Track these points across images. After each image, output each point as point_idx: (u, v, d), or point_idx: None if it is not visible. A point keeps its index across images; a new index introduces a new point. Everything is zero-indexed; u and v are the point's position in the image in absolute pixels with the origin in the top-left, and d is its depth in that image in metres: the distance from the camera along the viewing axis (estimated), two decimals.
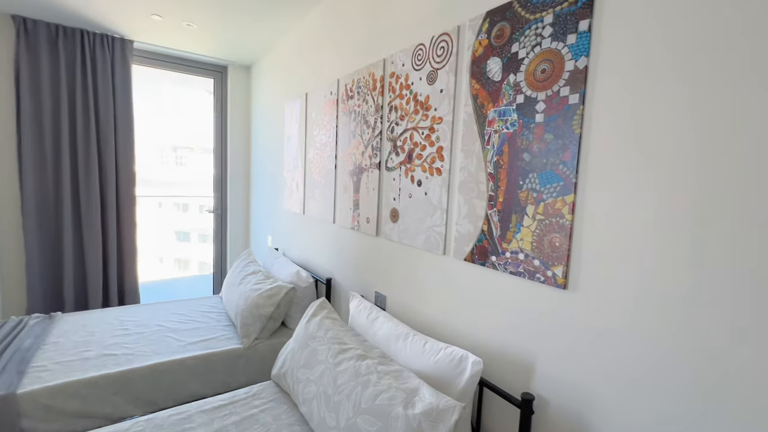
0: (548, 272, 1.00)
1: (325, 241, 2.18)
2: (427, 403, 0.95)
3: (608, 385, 0.88)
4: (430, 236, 1.39)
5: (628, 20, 0.83)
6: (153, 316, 2.19)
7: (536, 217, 1.02)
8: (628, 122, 0.83)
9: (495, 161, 1.14)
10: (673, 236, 0.77)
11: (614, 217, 0.86)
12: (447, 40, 1.30)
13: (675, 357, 0.77)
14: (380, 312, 1.45)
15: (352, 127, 1.88)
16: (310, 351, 1.34)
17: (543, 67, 1.00)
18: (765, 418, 0.66)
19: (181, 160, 13.48)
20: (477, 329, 1.21)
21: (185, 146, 12.90)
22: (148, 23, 2.62)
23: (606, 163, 0.87)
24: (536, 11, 1.01)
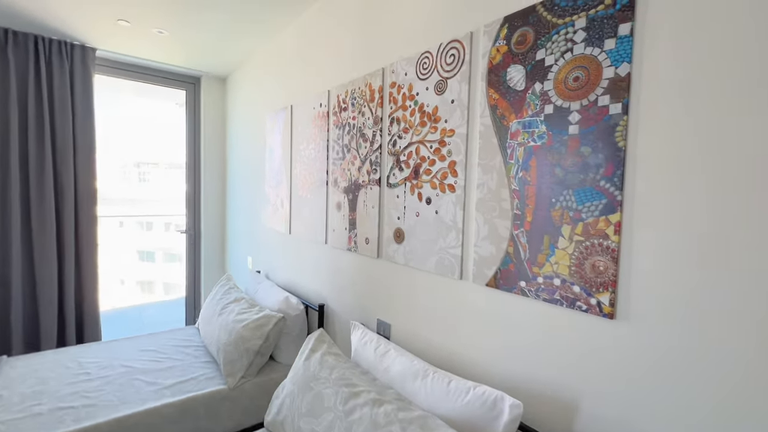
0: (591, 300, 0.89)
1: (315, 264, 2.02)
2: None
3: (668, 426, 0.78)
4: (444, 259, 1.27)
5: (678, 22, 0.76)
6: (118, 355, 1.92)
7: (574, 238, 0.92)
8: (685, 135, 0.75)
9: (521, 177, 1.04)
10: (743, 260, 0.69)
11: (674, 240, 0.77)
12: (458, 48, 1.21)
13: (753, 395, 0.68)
14: (389, 344, 1.30)
15: (346, 140, 1.74)
16: (314, 395, 1.16)
17: (576, 75, 0.91)
18: None
19: (145, 176, 12.80)
20: (504, 363, 1.09)
21: (149, 162, 12.29)
22: (114, 29, 2.40)
23: (659, 180, 0.79)
24: (565, 15, 0.93)
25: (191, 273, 3.45)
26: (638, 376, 0.83)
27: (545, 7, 0.98)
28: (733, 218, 0.70)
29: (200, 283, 3.44)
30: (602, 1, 0.86)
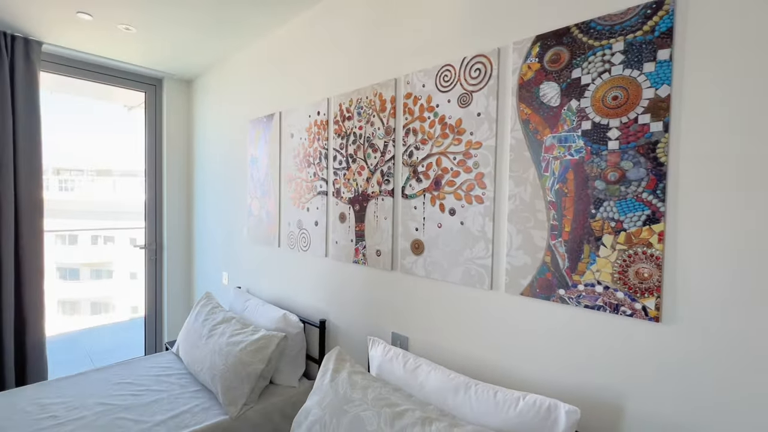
0: (636, 305, 0.95)
1: (313, 278, 1.93)
2: None
3: (719, 417, 0.85)
4: (471, 269, 1.28)
5: (714, 48, 0.84)
6: (88, 392, 1.68)
7: (616, 246, 0.98)
8: (725, 152, 0.83)
9: (557, 189, 1.08)
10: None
11: (714, 246, 0.85)
12: (484, 62, 1.24)
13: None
14: (419, 359, 1.28)
15: (351, 150, 1.70)
16: (352, 419, 1.10)
17: (614, 94, 0.98)
18: None
19: (66, 185, 11.40)
20: (544, 370, 1.12)
21: (72, 168, 10.98)
22: (69, 22, 2.13)
23: (700, 193, 0.86)
24: (602, 38, 1.00)
25: (152, 292, 3.14)
26: (685, 376, 0.89)
27: (580, 30, 1.03)
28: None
29: (162, 303, 3.14)
30: (640, 28, 0.94)
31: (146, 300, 3.13)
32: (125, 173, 9.54)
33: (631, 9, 0.95)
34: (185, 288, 3.21)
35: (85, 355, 3.41)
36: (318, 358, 1.86)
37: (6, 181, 2.26)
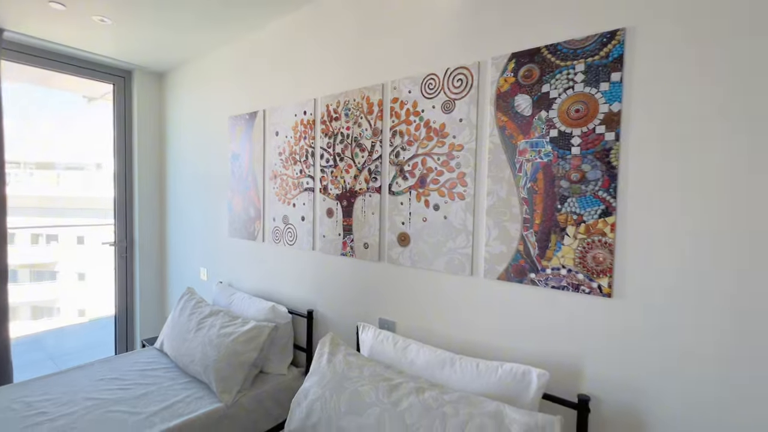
0: (593, 284, 1.14)
1: (299, 271, 2.02)
2: (523, 424, 0.98)
3: (661, 378, 1.06)
4: (453, 258, 1.43)
5: (657, 75, 1.04)
6: (74, 389, 1.68)
7: (577, 236, 1.17)
8: (664, 157, 1.03)
9: (529, 187, 1.25)
10: (704, 248, 0.98)
11: (653, 235, 1.05)
12: (465, 74, 1.39)
13: (717, 349, 0.98)
14: (407, 340, 1.42)
15: (338, 149, 1.80)
16: (351, 394, 1.22)
17: (577, 108, 1.16)
18: None
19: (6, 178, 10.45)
20: (517, 342, 1.29)
21: (11, 161, 10.13)
22: (38, 10, 2.05)
23: (644, 191, 1.06)
24: (567, 59, 1.17)
25: (122, 290, 3.06)
26: (629, 342, 1.09)
27: (549, 51, 1.21)
28: (701, 219, 0.99)
29: (134, 301, 3.07)
30: (598, 53, 1.12)
31: (116, 298, 3.05)
32: (70, 166, 8.91)
33: (591, 37, 1.13)
34: (158, 285, 3.15)
35: (46, 358, 3.25)
36: (306, 347, 1.96)
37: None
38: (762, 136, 0.91)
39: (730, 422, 0.97)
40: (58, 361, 3.24)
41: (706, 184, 0.98)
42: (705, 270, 0.98)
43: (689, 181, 1.00)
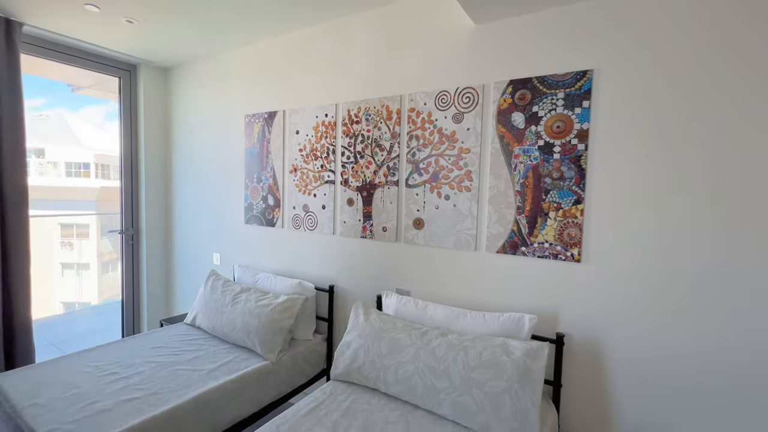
0: (567, 253, 1.58)
1: (320, 252, 2.33)
2: (522, 348, 1.39)
3: (611, 319, 1.52)
4: (461, 238, 1.83)
5: (613, 106, 1.48)
6: (130, 356, 1.91)
7: (557, 219, 1.60)
8: (617, 162, 1.48)
9: (521, 183, 1.67)
10: (645, 229, 1.44)
11: (609, 218, 1.50)
12: (472, 93, 1.77)
13: (649, 296, 1.45)
14: (426, 302, 1.80)
15: (359, 148, 2.13)
16: (390, 340, 1.59)
17: (557, 124, 1.58)
18: (700, 326, 1.37)
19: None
20: (510, 299, 1.72)
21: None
22: (71, 11, 2.18)
23: (603, 186, 1.51)
24: (551, 88, 1.59)
25: (129, 276, 3.20)
26: (595, 293, 1.54)
27: (538, 81, 1.62)
28: (641, 208, 1.44)
29: (141, 286, 3.22)
30: (574, 85, 1.54)
31: (123, 284, 3.19)
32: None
33: (569, 73, 1.55)
34: (164, 270, 3.31)
35: (48, 344, 3.32)
36: (327, 317, 2.29)
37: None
38: (675, 150, 1.38)
39: (657, 346, 1.44)
40: (61, 347, 3.32)
41: (643, 183, 1.44)
42: (644, 242, 1.44)
43: (633, 180, 1.45)
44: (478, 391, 1.35)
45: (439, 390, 1.42)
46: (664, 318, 1.42)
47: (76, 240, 8.77)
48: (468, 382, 1.38)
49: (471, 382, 1.38)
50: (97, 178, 9.60)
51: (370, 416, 1.43)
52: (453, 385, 1.40)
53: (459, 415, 1.38)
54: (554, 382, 1.59)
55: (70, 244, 8.78)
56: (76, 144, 9.50)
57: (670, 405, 1.43)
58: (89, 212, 9.95)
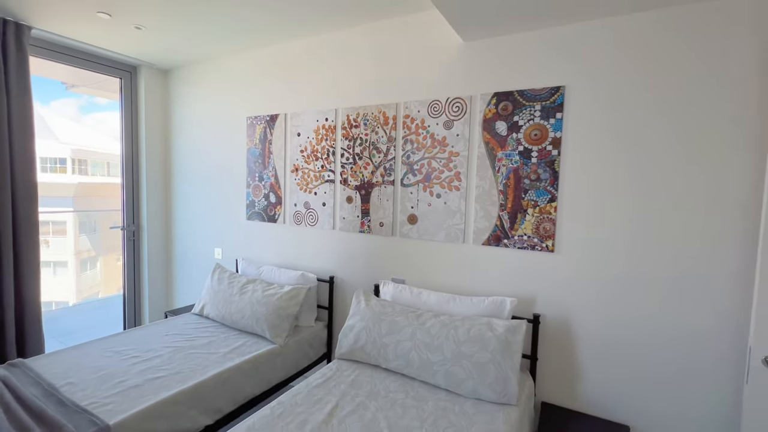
0: (543, 244, 1.83)
1: (321, 246, 2.52)
2: (504, 325, 1.63)
3: (579, 300, 1.77)
4: (450, 232, 2.06)
5: (581, 117, 1.72)
6: (147, 341, 2.06)
7: (534, 215, 1.84)
8: (582, 168, 1.73)
9: (504, 183, 1.90)
10: (608, 224, 1.69)
11: (578, 214, 1.75)
12: (461, 103, 1.99)
13: (610, 282, 1.70)
14: (420, 288, 2.02)
15: (357, 150, 2.33)
16: (389, 323, 1.81)
17: (535, 132, 1.82)
18: (643, 306, 1.64)
19: None
20: (494, 285, 1.96)
21: None
22: (83, 18, 2.29)
23: (573, 187, 1.75)
24: (530, 101, 1.82)
25: (131, 270, 3.31)
26: (566, 279, 1.79)
27: (519, 94, 1.85)
28: (602, 204, 1.70)
29: (143, 280, 3.34)
30: (548, 99, 1.78)
31: (125, 279, 3.30)
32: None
33: (545, 88, 1.79)
34: (164, 265, 3.43)
35: (49, 337, 3.40)
36: (328, 305, 2.48)
37: (3, 165, 2.33)
38: (631, 156, 1.63)
39: (615, 327, 1.70)
40: (62, 340, 3.40)
41: (604, 184, 1.69)
42: (606, 234, 1.70)
43: (598, 181, 1.70)
44: (467, 362, 1.58)
45: (434, 362, 1.64)
46: (622, 303, 1.68)
47: (52, 237, 8.64)
48: (458, 355, 1.61)
49: (461, 355, 1.60)
50: (75, 174, 9.39)
51: (374, 386, 1.64)
52: (445, 358, 1.63)
53: (451, 383, 1.60)
54: (531, 356, 1.84)
55: (46, 242, 8.64)
56: (50, 138, 9.31)
57: (624, 376, 1.69)
58: (67, 209, 9.70)
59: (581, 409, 1.80)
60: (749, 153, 1.45)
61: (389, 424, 1.39)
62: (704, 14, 1.50)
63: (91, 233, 9.02)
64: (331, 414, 1.43)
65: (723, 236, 1.50)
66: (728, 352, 1.51)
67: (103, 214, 6.82)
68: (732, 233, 1.49)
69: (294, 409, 1.46)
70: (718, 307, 1.52)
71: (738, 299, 1.48)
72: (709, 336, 1.54)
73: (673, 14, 1.55)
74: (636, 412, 1.68)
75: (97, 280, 8.84)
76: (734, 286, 1.49)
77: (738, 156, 1.47)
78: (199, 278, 3.23)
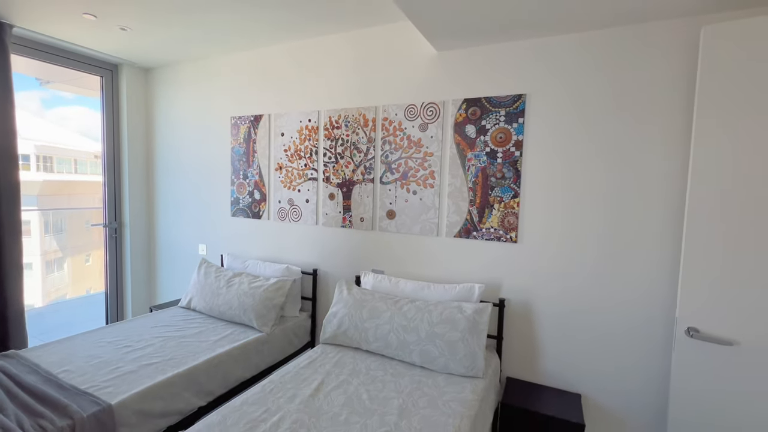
0: (507, 236, 2.04)
1: (304, 240, 2.66)
2: (472, 308, 1.83)
3: (539, 285, 1.99)
4: (425, 226, 2.24)
5: (540, 122, 1.94)
6: (136, 333, 2.15)
7: (500, 209, 2.05)
8: (540, 167, 1.94)
9: (473, 181, 2.10)
10: (562, 216, 1.92)
11: (537, 208, 1.97)
12: (434, 107, 2.18)
13: (563, 267, 1.93)
14: (398, 278, 2.20)
15: (339, 149, 2.48)
16: (370, 308, 1.97)
17: (500, 135, 2.02)
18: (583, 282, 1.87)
19: None
20: (465, 273, 2.16)
21: None
22: (68, 19, 2.34)
23: (533, 184, 1.97)
24: (495, 107, 2.03)
25: (113, 267, 3.34)
26: (527, 266, 2.01)
27: (486, 100, 2.05)
28: (555, 199, 1.92)
29: (125, 277, 3.38)
30: (512, 105, 1.99)
31: (108, 276, 3.33)
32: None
33: (508, 96, 1.99)
34: (146, 261, 3.48)
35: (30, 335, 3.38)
36: (311, 296, 2.63)
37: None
38: (581, 158, 1.86)
39: (566, 307, 1.93)
40: (43, 338, 3.39)
41: (560, 182, 1.91)
42: (561, 225, 1.92)
43: (553, 179, 1.93)
44: (440, 341, 1.77)
45: (410, 342, 1.82)
46: (573, 286, 1.91)
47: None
48: (431, 336, 1.79)
49: (434, 335, 1.79)
50: (39, 171, 9.08)
51: (356, 365, 1.81)
52: (420, 338, 1.81)
53: (425, 360, 1.79)
54: (497, 337, 2.05)
55: None
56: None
57: (575, 351, 1.93)
58: (32, 208, 9.39)
59: (541, 381, 2.02)
60: (673, 152, 1.70)
61: (370, 396, 1.55)
62: (632, 36, 1.74)
63: (58, 233, 8.77)
64: (318, 389, 1.59)
65: (653, 222, 1.75)
66: (659, 324, 1.76)
67: (71, 213, 6.66)
68: (660, 221, 1.73)
69: (284, 386, 1.60)
70: (650, 284, 1.77)
71: (667, 278, 1.73)
72: (644, 309, 1.79)
73: (616, 34, 1.78)
74: (586, 381, 1.92)
75: (65, 282, 8.62)
76: (665, 268, 1.74)
77: (662, 155, 1.72)
78: (183, 274, 3.30)
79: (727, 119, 1.44)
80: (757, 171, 1.40)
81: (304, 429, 1.32)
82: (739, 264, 1.44)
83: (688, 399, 1.56)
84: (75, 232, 7.49)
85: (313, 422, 1.36)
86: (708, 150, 1.48)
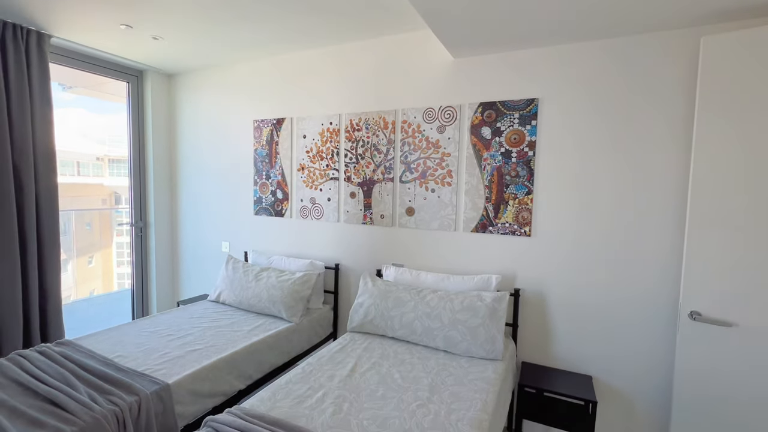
0: (521, 230, 2.19)
1: (327, 237, 2.81)
2: (491, 296, 1.98)
3: (551, 276, 2.14)
4: (443, 221, 2.39)
5: (551, 124, 2.09)
6: (176, 323, 2.30)
7: (514, 205, 2.19)
8: (553, 166, 2.09)
9: (489, 179, 2.25)
10: (573, 210, 2.07)
11: (549, 204, 2.12)
12: (452, 111, 2.33)
13: (574, 259, 2.08)
14: (419, 270, 2.35)
15: (360, 151, 2.63)
16: (395, 298, 2.12)
17: (514, 137, 2.17)
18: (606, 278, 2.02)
19: None
20: (481, 265, 2.30)
21: None
22: (105, 27, 2.49)
23: (545, 182, 2.12)
24: (510, 110, 2.18)
25: (139, 265, 3.49)
26: (540, 258, 2.16)
27: (501, 104, 2.20)
28: (568, 197, 2.07)
29: (150, 274, 3.52)
30: (525, 109, 2.14)
31: (134, 273, 3.47)
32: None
33: (522, 100, 2.14)
34: (169, 260, 3.63)
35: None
36: (333, 290, 2.77)
37: (27, 170, 2.50)
38: (592, 158, 2.01)
39: (576, 297, 2.08)
40: (77, 331, 3.54)
41: (572, 181, 2.06)
42: (571, 222, 2.07)
43: (564, 177, 2.07)
44: (462, 327, 1.92)
45: (434, 329, 1.97)
46: (584, 275, 2.06)
47: None
48: (454, 322, 1.94)
49: (456, 322, 1.94)
50: None
51: (384, 350, 1.96)
52: (443, 324, 1.96)
53: (449, 345, 1.94)
54: (513, 324, 2.20)
55: None
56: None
57: (586, 335, 2.07)
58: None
59: (554, 365, 2.17)
60: (675, 151, 1.85)
61: (402, 375, 1.70)
62: (636, 44, 1.89)
63: (63, 235, 8.97)
64: (353, 370, 1.74)
65: (658, 218, 1.89)
66: (664, 307, 1.91)
67: (76, 215, 6.86)
68: (664, 215, 1.88)
69: (321, 368, 1.75)
70: (655, 273, 1.91)
71: (671, 267, 1.88)
72: (650, 295, 1.93)
73: (618, 43, 1.93)
74: (596, 364, 2.07)
75: (68, 284, 8.82)
76: (669, 257, 1.89)
77: (665, 154, 1.87)
78: (207, 270, 3.44)
79: (726, 121, 1.59)
80: (752, 169, 1.55)
81: (347, 403, 1.47)
82: (737, 253, 1.59)
83: (691, 378, 1.71)
84: (79, 234, 7.69)
85: (354, 397, 1.51)
86: (708, 150, 1.63)
